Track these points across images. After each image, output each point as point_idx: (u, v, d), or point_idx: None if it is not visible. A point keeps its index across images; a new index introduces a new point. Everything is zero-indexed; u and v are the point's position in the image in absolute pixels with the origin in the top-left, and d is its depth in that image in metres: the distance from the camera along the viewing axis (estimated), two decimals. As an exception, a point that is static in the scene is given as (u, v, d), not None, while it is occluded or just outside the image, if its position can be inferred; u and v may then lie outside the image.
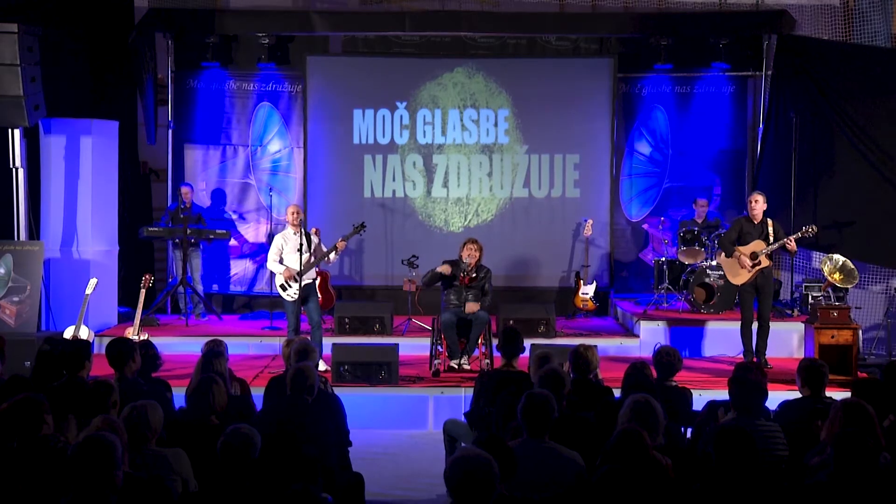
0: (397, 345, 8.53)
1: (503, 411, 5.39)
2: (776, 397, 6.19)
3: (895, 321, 10.09)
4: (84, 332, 8.76)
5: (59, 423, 4.82)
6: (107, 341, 6.62)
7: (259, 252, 11.82)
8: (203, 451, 4.57)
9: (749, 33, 11.38)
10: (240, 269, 11.98)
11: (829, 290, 9.99)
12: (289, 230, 8.83)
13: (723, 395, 5.29)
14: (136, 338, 8.46)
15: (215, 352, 6.18)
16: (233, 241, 11.80)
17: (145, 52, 11.12)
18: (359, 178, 11.80)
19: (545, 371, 5.40)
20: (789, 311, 10.34)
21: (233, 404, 5.52)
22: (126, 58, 11.14)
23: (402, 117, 11.78)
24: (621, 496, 3.64)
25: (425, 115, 11.77)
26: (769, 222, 8.82)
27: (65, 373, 5.90)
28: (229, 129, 11.96)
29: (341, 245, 8.87)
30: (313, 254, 8.77)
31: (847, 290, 10.02)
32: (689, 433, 5.73)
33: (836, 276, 9.73)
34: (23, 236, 9.67)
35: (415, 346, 9.48)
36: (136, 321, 9.06)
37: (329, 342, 8.84)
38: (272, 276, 8.93)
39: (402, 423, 8.02)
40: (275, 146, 11.97)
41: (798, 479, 4.53)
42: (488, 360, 8.71)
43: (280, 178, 11.97)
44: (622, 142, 11.94)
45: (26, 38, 9.02)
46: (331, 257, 8.90)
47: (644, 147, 12.00)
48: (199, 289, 11.11)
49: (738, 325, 9.04)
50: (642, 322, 10.04)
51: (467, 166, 11.81)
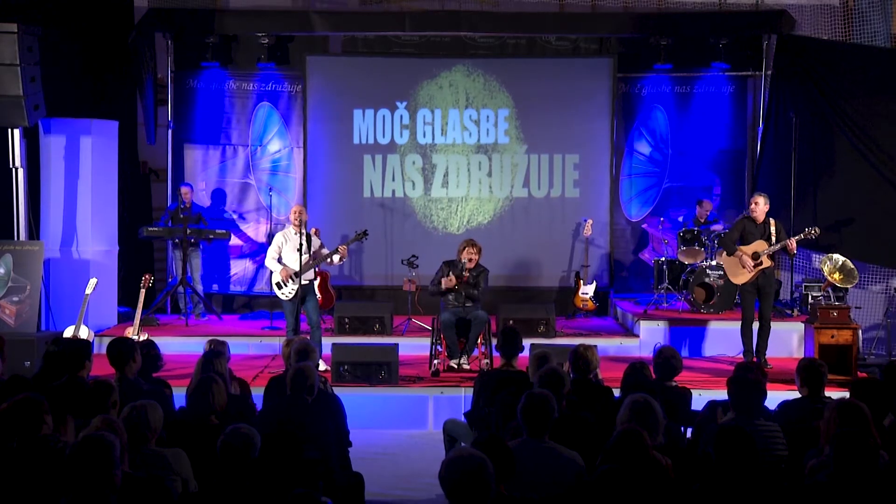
0: (397, 345, 8.53)
1: (503, 411, 5.38)
2: (776, 397, 6.19)
3: (895, 321, 10.10)
4: (84, 332, 8.76)
5: (59, 423, 4.82)
6: (107, 341, 6.63)
7: (259, 252, 11.81)
8: (203, 451, 4.57)
9: (749, 33, 11.38)
10: (240, 269, 11.99)
11: (829, 290, 9.99)
12: (290, 229, 8.83)
13: (723, 395, 5.29)
14: (136, 337, 8.46)
15: (215, 352, 6.18)
16: (236, 241, 11.81)
17: (145, 52, 11.12)
18: (358, 178, 11.80)
19: (545, 371, 5.40)
20: (789, 311, 10.35)
21: (233, 404, 5.52)
22: (126, 58, 11.14)
23: (402, 117, 11.78)
24: (620, 496, 3.64)
25: (425, 115, 11.77)
26: (772, 222, 8.81)
27: (67, 374, 5.89)
28: (229, 128, 11.96)
29: (343, 250, 8.87)
30: (313, 255, 8.77)
31: (847, 289, 10.02)
32: (690, 433, 5.74)
33: (836, 275, 9.74)
34: (23, 236, 9.67)
35: (414, 346, 9.48)
36: (136, 321, 9.07)
37: (329, 342, 8.84)
38: (272, 276, 8.93)
39: (401, 423, 8.02)
40: (274, 146, 11.97)
41: (798, 480, 4.54)
42: (488, 360, 8.71)
43: (280, 177, 11.97)
44: (622, 142, 11.94)
45: (26, 38, 9.02)
46: (334, 259, 8.89)
47: (644, 147, 12.00)
48: (199, 289, 11.11)
49: (737, 325, 9.04)
50: (642, 322, 10.04)
51: (467, 166, 11.80)
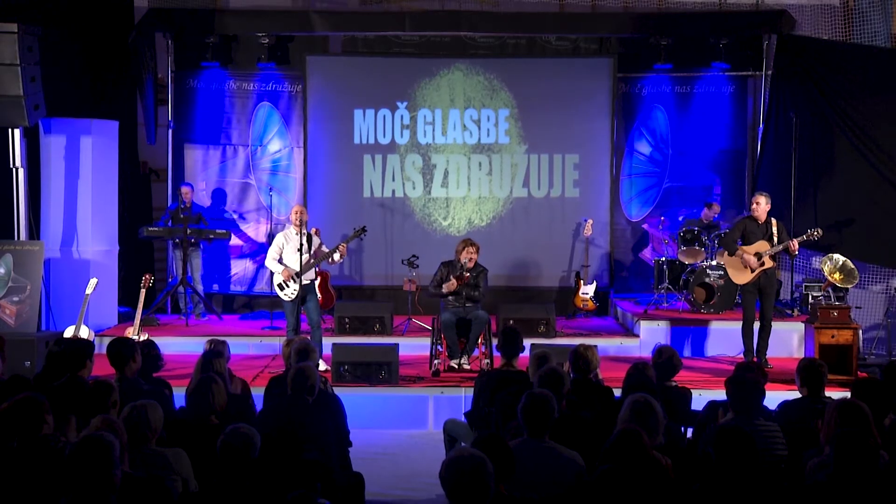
0: (397, 345, 8.53)
1: (503, 411, 5.39)
2: (776, 397, 6.19)
3: (895, 321, 10.10)
4: (84, 332, 8.75)
5: (60, 423, 4.82)
6: (107, 341, 6.62)
7: (259, 252, 11.81)
8: (203, 451, 4.57)
9: (749, 33, 11.38)
10: (240, 268, 11.99)
11: (830, 290, 9.99)
12: (291, 230, 8.82)
13: (723, 395, 5.28)
14: (136, 337, 8.46)
15: (215, 351, 6.18)
16: (236, 241, 11.81)
17: (145, 51, 11.12)
18: (359, 178, 11.80)
19: (545, 371, 5.40)
20: (789, 311, 10.34)
21: (233, 404, 5.52)
22: (126, 58, 11.14)
23: (402, 117, 11.77)
24: (620, 496, 3.64)
25: (426, 115, 11.77)
26: (773, 222, 8.80)
27: (67, 373, 5.89)
28: (229, 128, 11.96)
29: (343, 249, 8.87)
30: (313, 255, 8.77)
31: (847, 289, 10.02)
32: (690, 433, 5.74)
33: (837, 275, 9.74)
34: (23, 236, 9.67)
35: (415, 346, 9.48)
36: (136, 321, 9.06)
37: (329, 342, 8.84)
38: (272, 276, 8.93)
39: (402, 423, 8.02)
40: (275, 146, 11.97)
41: (798, 480, 4.53)
42: (488, 360, 8.71)
43: (280, 177, 11.97)
44: (622, 142, 11.94)
45: (26, 38, 9.02)
46: (335, 258, 8.89)
47: (644, 147, 12.00)
48: (200, 289, 11.11)
49: (738, 325, 9.04)
50: (642, 322, 10.03)
51: (467, 166, 11.80)
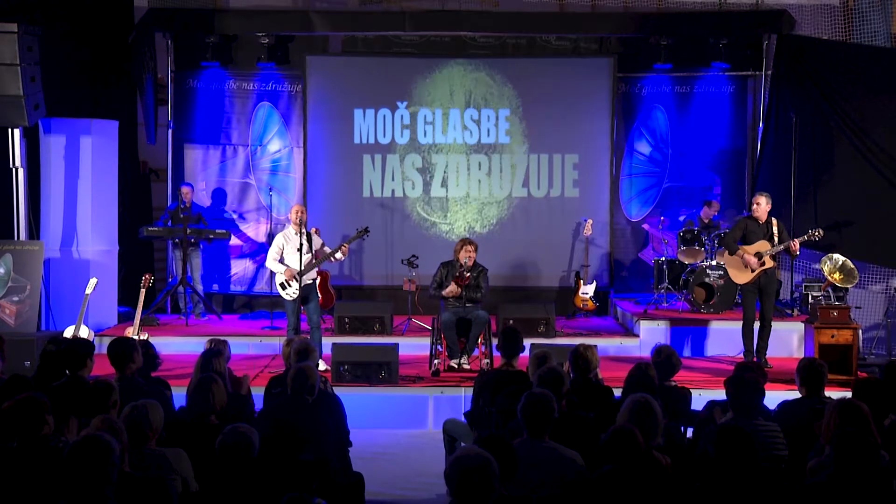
0: (397, 344, 8.53)
1: (503, 411, 5.39)
2: (776, 397, 6.19)
3: (895, 321, 10.10)
4: (84, 332, 8.76)
5: (61, 423, 4.83)
6: (107, 341, 6.63)
7: (259, 252, 11.81)
8: (203, 451, 4.57)
9: (749, 33, 11.38)
10: (240, 268, 11.98)
11: (829, 290, 9.99)
12: (290, 229, 8.82)
13: (723, 395, 5.28)
14: (136, 337, 8.46)
15: (215, 351, 6.18)
16: (236, 241, 11.80)
17: (145, 51, 11.11)
18: (359, 177, 11.80)
19: (544, 370, 5.40)
20: (789, 311, 10.34)
21: (233, 403, 5.51)
22: (126, 58, 11.13)
23: (402, 117, 11.77)
24: (619, 495, 3.64)
25: (426, 115, 11.76)
26: (774, 222, 8.80)
27: (66, 372, 5.90)
28: (229, 128, 11.96)
29: (345, 250, 8.86)
30: (315, 255, 8.77)
31: (847, 289, 10.02)
32: (690, 433, 5.74)
33: (836, 275, 9.73)
34: (23, 236, 9.67)
35: (415, 346, 9.48)
36: (136, 321, 9.06)
37: (329, 342, 8.84)
38: (272, 276, 8.92)
39: (401, 423, 8.02)
40: (275, 146, 11.97)
41: (798, 479, 4.53)
42: (488, 360, 8.71)
43: (280, 177, 11.97)
44: (622, 141, 11.94)
45: (26, 38, 9.03)
46: (336, 257, 8.88)
47: (644, 147, 12.00)
48: (199, 288, 11.11)
49: (737, 325, 9.04)
50: (642, 322, 10.04)
51: (466, 166, 11.80)
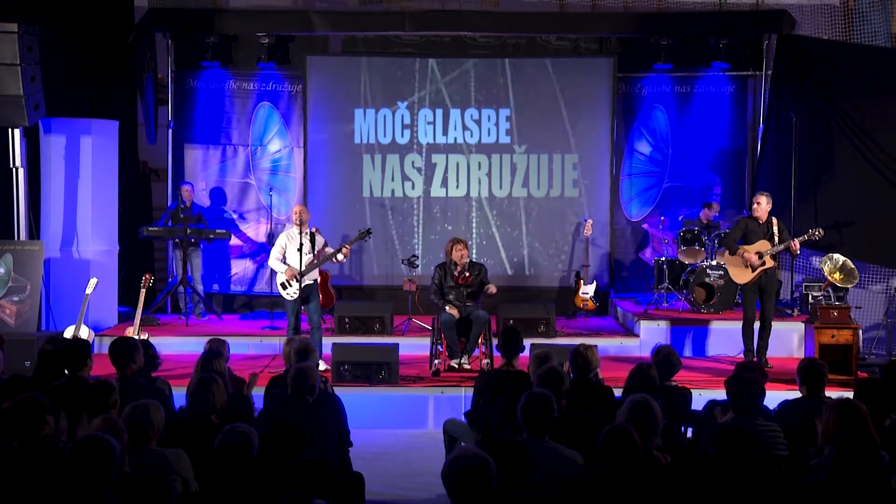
0: (397, 344, 8.53)
1: (503, 411, 5.38)
2: (776, 397, 6.19)
3: (895, 321, 10.09)
4: (84, 332, 8.75)
5: (70, 422, 4.83)
6: (107, 341, 6.63)
7: (259, 252, 11.81)
8: (203, 451, 4.57)
9: (749, 33, 11.38)
10: (240, 268, 11.98)
11: (830, 290, 9.98)
12: (294, 229, 8.82)
13: (724, 394, 5.28)
14: (136, 337, 8.46)
15: (214, 351, 6.18)
16: (236, 241, 11.80)
17: (145, 51, 11.11)
18: (359, 177, 11.80)
19: (544, 370, 5.40)
20: (789, 311, 10.34)
21: (233, 403, 5.51)
22: (126, 57, 11.12)
23: (403, 117, 11.77)
24: (619, 495, 3.64)
25: (426, 115, 11.76)
26: (774, 222, 8.79)
27: (66, 372, 5.90)
28: (229, 128, 11.96)
29: (346, 251, 8.86)
30: (317, 255, 8.77)
31: (847, 289, 10.02)
32: (690, 433, 5.73)
33: (837, 275, 9.73)
34: (23, 236, 9.67)
35: (415, 346, 9.48)
36: (136, 321, 9.06)
37: (329, 342, 8.84)
38: (272, 276, 8.91)
39: (402, 423, 8.02)
40: (275, 146, 11.97)
41: (798, 479, 4.53)
42: (488, 360, 8.71)
43: (280, 177, 11.97)
44: (622, 141, 11.93)
45: (26, 38, 9.03)
46: (338, 258, 8.88)
47: (644, 147, 11.99)
48: (200, 288, 11.10)
49: (738, 325, 9.04)
50: (642, 322, 10.03)
51: (466, 166, 11.80)
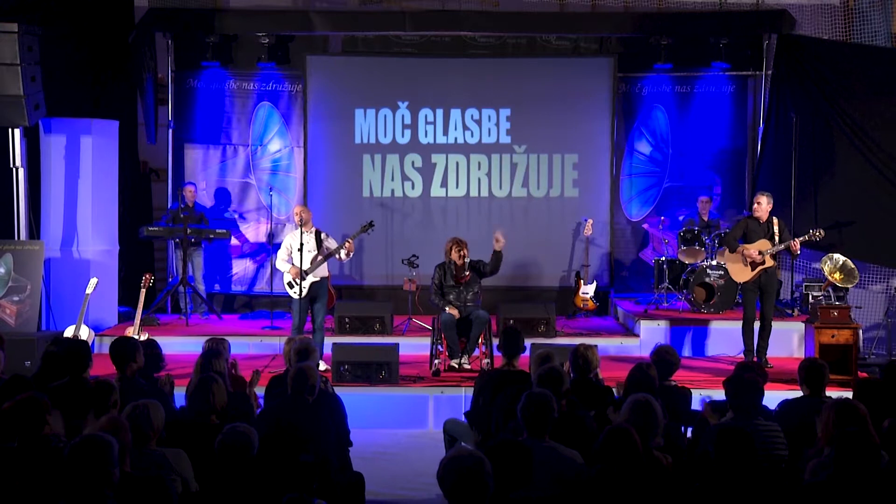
0: (397, 344, 8.54)
1: (503, 411, 5.39)
2: (776, 397, 6.20)
3: (895, 321, 10.10)
4: (84, 332, 8.75)
5: (70, 422, 4.84)
6: (107, 341, 6.64)
7: (259, 252, 11.82)
8: (203, 451, 4.57)
9: (749, 33, 11.38)
10: (240, 268, 11.98)
11: (830, 290, 9.99)
12: (298, 230, 8.85)
13: (724, 394, 5.29)
14: (136, 337, 8.46)
15: (214, 350, 6.19)
16: (236, 241, 11.80)
17: (145, 51, 11.11)
18: (359, 177, 11.81)
19: (544, 370, 5.41)
20: (789, 311, 10.34)
21: (233, 403, 5.52)
22: (126, 57, 11.14)
23: (403, 117, 11.77)
24: (618, 494, 3.64)
25: (427, 115, 11.76)
26: (775, 221, 8.80)
27: (68, 374, 5.89)
28: (229, 128, 11.96)
29: (350, 246, 8.87)
30: (321, 252, 8.79)
31: (847, 289, 10.02)
32: (690, 433, 5.74)
33: (837, 275, 9.74)
34: (23, 236, 9.68)
35: (415, 346, 9.48)
36: (137, 321, 9.06)
37: (329, 342, 8.85)
38: (273, 276, 8.92)
39: (402, 423, 8.03)
40: (275, 146, 11.97)
41: (797, 479, 4.54)
42: (488, 360, 8.72)
43: (280, 177, 11.97)
44: (622, 141, 11.93)
45: (26, 38, 9.03)
46: (341, 255, 8.89)
47: (644, 146, 12.00)
48: (201, 288, 11.10)
49: (738, 325, 9.04)
50: (643, 321, 10.04)
51: (466, 165, 11.80)
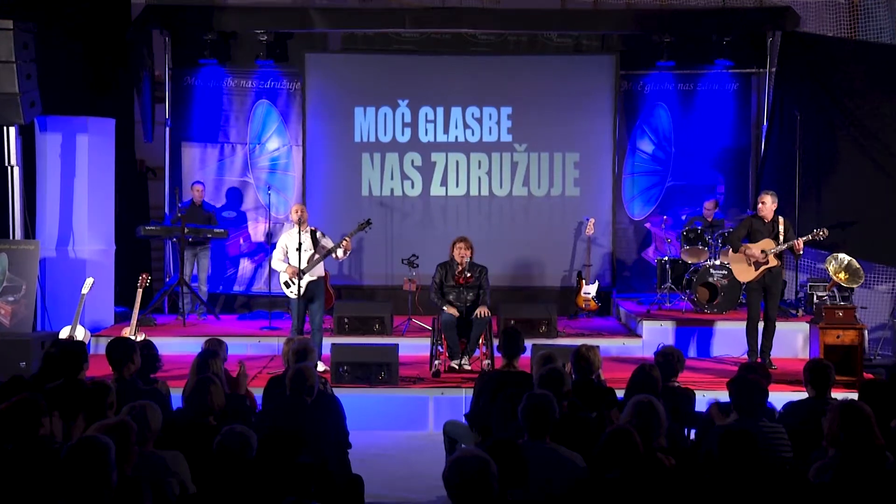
0: (397, 345, 8.53)
1: (504, 412, 5.38)
2: (781, 398, 6.20)
3: (901, 321, 10.10)
4: (80, 333, 8.74)
5: (66, 424, 4.83)
6: (103, 342, 6.63)
7: (257, 251, 11.81)
8: (201, 453, 4.56)
9: (752, 30, 11.37)
10: (238, 268, 11.97)
11: (835, 290, 9.97)
12: (294, 229, 8.83)
13: (727, 396, 5.28)
14: (133, 338, 8.46)
15: (211, 352, 6.18)
16: (234, 241, 11.79)
17: (142, 49, 11.11)
18: (358, 176, 11.80)
19: (545, 371, 5.41)
20: (794, 311, 10.33)
21: (231, 404, 5.51)
22: (123, 55, 11.13)
23: (403, 115, 11.77)
24: (622, 497, 3.63)
25: (427, 113, 11.76)
26: (780, 221, 8.78)
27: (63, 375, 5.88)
28: (227, 126, 11.95)
29: (347, 244, 8.86)
30: (318, 251, 8.78)
31: (852, 289, 10.00)
32: (693, 434, 5.73)
33: (842, 275, 9.71)
34: (18, 235, 9.67)
35: (415, 347, 9.47)
36: (133, 321, 9.04)
37: (328, 342, 8.84)
38: (271, 276, 8.91)
39: (401, 425, 8.02)
40: (273, 144, 11.97)
41: (802, 481, 4.53)
42: (489, 361, 8.71)
43: (279, 176, 11.97)
44: (624, 140, 11.93)
45: (22, 35, 9.03)
46: (338, 254, 8.88)
47: (646, 145, 11.99)
48: (204, 289, 11.07)
49: (742, 325, 9.03)
50: (645, 322, 10.03)
51: (466, 164, 11.79)
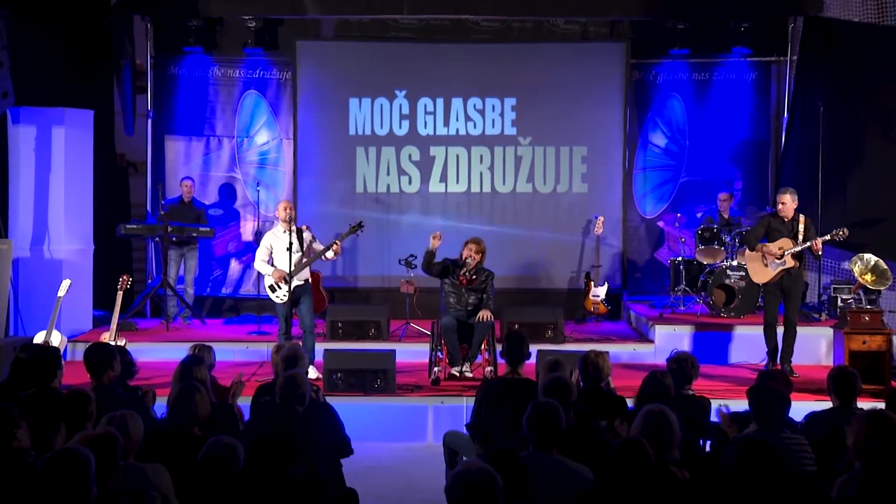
0: (394, 351, 8.52)
1: (507, 422, 5.37)
2: (803, 408, 6.19)
3: (931, 326, 10.07)
4: (56, 338, 8.71)
5: (41, 435, 4.82)
6: (81, 347, 6.63)
7: (245, 251, 11.82)
8: (185, 464, 4.56)
9: (773, 15, 11.37)
10: (225, 269, 11.97)
11: (860, 293, 9.96)
12: (279, 228, 8.81)
13: (745, 405, 5.27)
14: (112, 343, 8.44)
15: (196, 357, 6.18)
16: (220, 240, 11.80)
17: (123, 35, 11.09)
18: (352, 171, 11.80)
19: (550, 379, 5.41)
20: (817, 315, 10.32)
21: (217, 414, 5.50)
22: (102, 42, 11.12)
23: (401, 106, 11.77)
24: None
25: (426, 104, 11.76)
26: (801, 219, 8.76)
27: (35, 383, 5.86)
28: (213, 119, 11.96)
29: (337, 248, 8.85)
30: (305, 253, 8.76)
31: (880, 292, 9.99)
32: (709, 446, 5.73)
33: (868, 277, 9.70)
34: (-10, 234, 9.69)
35: (413, 352, 9.48)
36: (113, 326, 9.02)
37: (321, 348, 8.84)
38: (259, 277, 8.91)
39: (399, 435, 8.02)
40: (262, 137, 11.98)
41: (825, 496, 4.52)
42: (492, 368, 8.71)
43: (268, 171, 11.97)
44: (635, 133, 11.93)
45: (-6, 21, 9.04)
46: (327, 255, 8.88)
47: (659, 138, 11.99)
48: (190, 292, 11.08)
49: (761, 330, 9.03)
50: (657, 326, 10.03)
51: (467, 159, 11.80)
